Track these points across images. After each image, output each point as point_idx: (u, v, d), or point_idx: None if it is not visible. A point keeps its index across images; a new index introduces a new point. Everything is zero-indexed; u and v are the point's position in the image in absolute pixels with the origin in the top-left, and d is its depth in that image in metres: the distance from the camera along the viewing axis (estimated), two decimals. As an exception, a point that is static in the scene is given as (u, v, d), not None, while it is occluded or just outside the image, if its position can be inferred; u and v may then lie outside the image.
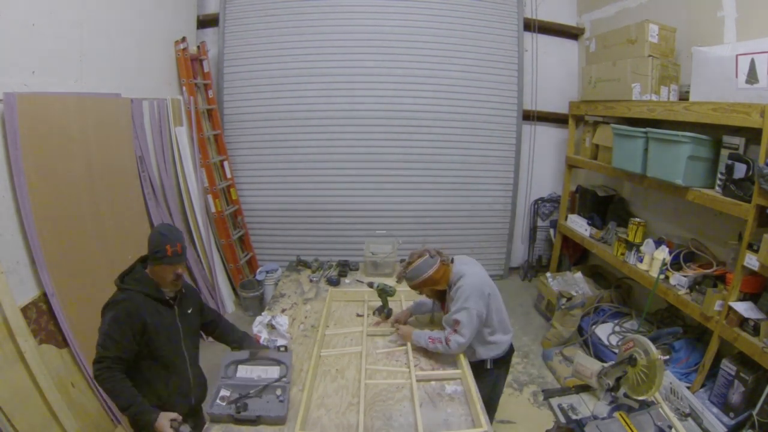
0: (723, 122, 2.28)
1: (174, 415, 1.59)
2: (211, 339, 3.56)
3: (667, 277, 2.78)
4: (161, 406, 1.62)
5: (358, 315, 2.44)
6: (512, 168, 4.46)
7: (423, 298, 2.22)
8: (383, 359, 2.04)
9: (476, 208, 4.47)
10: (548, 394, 1.89)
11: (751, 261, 2.10)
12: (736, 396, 2.25)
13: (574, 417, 1.73)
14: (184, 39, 3.69)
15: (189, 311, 1.84)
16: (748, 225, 2.14)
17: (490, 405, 2.07)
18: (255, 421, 1.57)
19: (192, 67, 3.76)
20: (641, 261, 2.99)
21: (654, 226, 3.25)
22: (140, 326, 1.59)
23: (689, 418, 1.85)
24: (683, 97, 2.92)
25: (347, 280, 2.89)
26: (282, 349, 1.89)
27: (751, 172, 2.18)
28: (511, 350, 2.09)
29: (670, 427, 1.65)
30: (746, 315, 2.17)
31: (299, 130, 4.20)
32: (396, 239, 3.07)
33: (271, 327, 2.13)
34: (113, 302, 1.62)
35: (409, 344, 2.07)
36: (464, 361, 1.95)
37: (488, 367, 2.01)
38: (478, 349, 1.98)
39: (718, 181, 2.44)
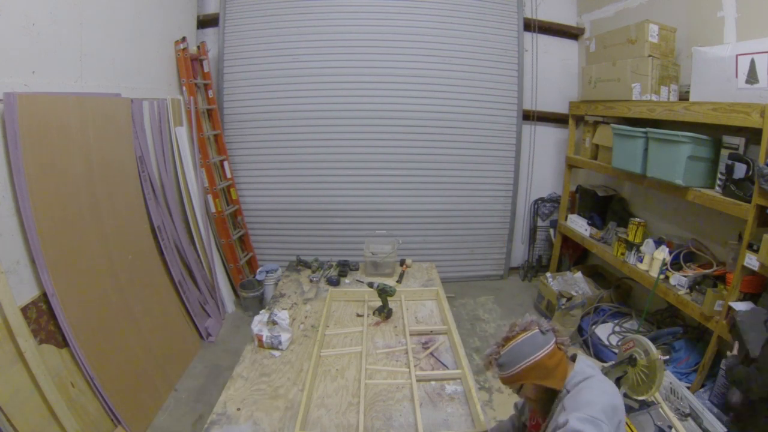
0: (723, 122, 2.28)
1: None
2: (212, 339, 3.59)
3: (667, 277, 2.79)
4: None
5: (358, 315, 2.44)
6: (512, 168, 4.46)
7: (505, 423, 1.60)
8: (383, 359, 2.04)
9: (476, 208, 4.47)
10: (548, 394, 1.89)
11: (751, 261, 2.10)
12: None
13: (574, 417, 1.73)
14: (184, 39, 3.69)
15: None
16: (748, 225, 2.14)
17: None
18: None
19: (192, 67, 3.76)
20: (641, 261, 2.99)
21: (654, 226, 3.25)
22: None
23: (689, 418, 1.86)
24: (683, 97, 2.92)
25: (347, 280, 2.90)
26: None
27: (751, 172, 2.18)
28: None
29: (670, 427, 1.65)
30: (746, 315, 2.17)
31: (299, 130, 4.20)
32: (396, 239, 3.07)
33: (272, 323, 2.13)
34: None
35: (408, 344, 2.06)
36: (464, 361, 1.95)
37: None
38: None
39: (718, 181, 2.44)
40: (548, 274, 3.93)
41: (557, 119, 4.44)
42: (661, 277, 2.78)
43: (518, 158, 4.44)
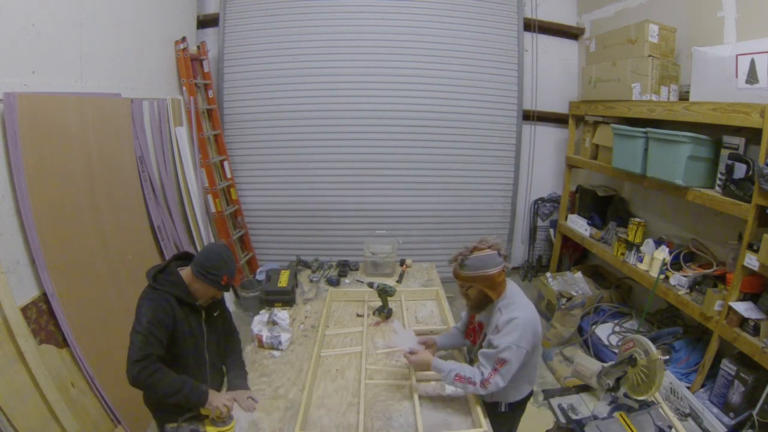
0: (723, 122, 2.28)
1: (228, 397, 1.63)
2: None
3: (667, 277, 2.78)
4: (177, 409, 1.60)
5: (358, 315, 2.44)
6: (512, 168, 4.46)
7: (452, 331, 1.99)
8: (383, 359, 2.04)
9: (476, 208, 4.47)
10: (548, 394, 1.89)
11: (751, 261, 2.10)
12: (736, 396, 2.25)
13: (574, 417, 1.73)
14: (184, 39, 3.69)
15: (215, 314, 1.83)
16: (748, 225, 2.14)
17: None
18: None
19: (192, 67, 3.76)
20: (641, 261, 2.99)
21: (654, 226, 3.25)
22: (171, 327, 1.60)
23: (689, 418, 1.86)
24: (683, 97, 2.92)
25: (347, 280, 2.89)
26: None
27: (751, 172, 2.18)
28: (530, 394, 1.81)
29: (670, 427, 1.65)
30: (746, 315, 2.17)
31: (299, 130, 4.20)
32: (396, 239, 3.07)
33: (272, 323, 2.13)
34: (150, 299, 1.61)
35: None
36: (464, 361, 1.95)
37: (503, 410, 1.75)
38: (492, 393, 1.66)
39: (718, 181, 2.44)
40: (548, 274, 3.93)
41: (557, 119, 4.44)
42: (661, 277, 2.78)
43: (518, 158, 4.44)
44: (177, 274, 1.68)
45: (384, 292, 2.36)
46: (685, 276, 2.66)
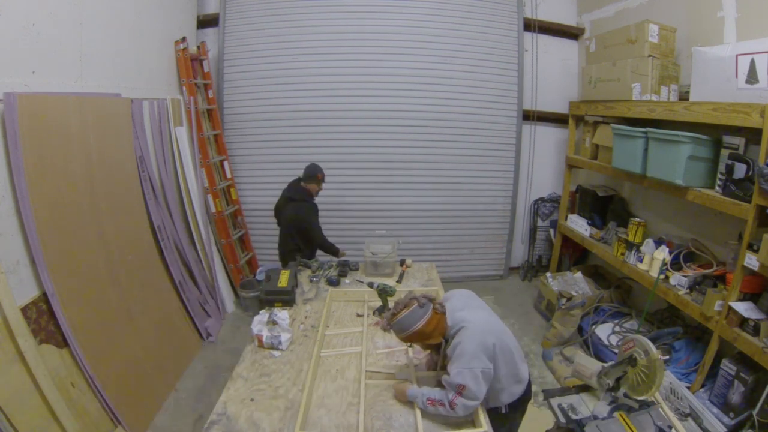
0: (723, 122, 2.28)
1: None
2: (212, 339, 3.58)
3: (667, 277, 2.78)
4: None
5: (358, 315, 2.44)
6: (512, 168, 4.46)
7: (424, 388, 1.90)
8: (383, 359, 2.04)
9: (476, 208, 4.47)
10: (548, 394, 1.89)
11: (751, 261, 2.10)
12: (736, 396, 2.25)
13: (574, 417, 1.73)
14: (184, 39, 3.69)
15: None
16: (748, 225, 2.14)
17: None
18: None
19: (192, 67, 3.76)
20: (641, 261, 2.99)
21: (654, 226, 3.25)
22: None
23: (689, 418, 1.86)
24: (683, 97, 2.92)
25: (347, 280, 2.89)
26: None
27: (751, 172, 2.18)
28: (528, 391, 1.83)
29: (670, 427, 1.65)
30: (746, 315, 2.17)
31: (299, 130, 4.20)
32: (396, 239, 3.07)
33: (272, 323, 2.13)
34: (310, 207, 3.21)
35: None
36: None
37: (503, 411, 1.76)
38: (489, 399, 1.72)
39: (718, 181, 2.44)
40: (548, 274, 3.93)
41: (557, 119, 4.44)
42: (661, 277, 2.78)
43: (518, 158, 4.44)
44: (307, 190, 3.19)
45: (384, 292, 2.36)
46: (685, 276, 2.66)
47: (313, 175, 3.16)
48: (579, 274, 3.73)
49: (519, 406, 1.81)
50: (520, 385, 1.76)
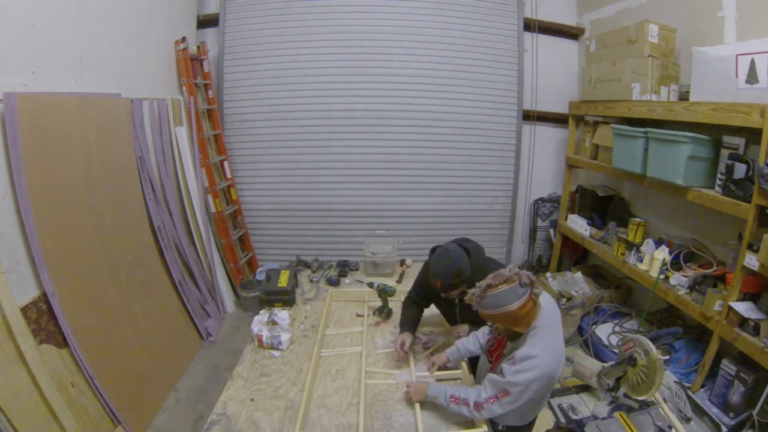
0: (723, 122, 2.27)
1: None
2: (212, 339, 3.59)
3: (667, 277, 2.78)
4: None
5: (358, 315, 2.44)
6: (512, 168, 4.45)
7: (467, 339, 1.88)
8: (383, 359, 2.04)
9: (476, 208, 4.47)
10: (548, 394, 1.89)
11: (751, 261, 2.10)
12: (736, 396, 2.25)
13: (574, 417, 1.74)
14: (184, 39, 3.69)
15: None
16: (748, 225, 2.14)
17: None
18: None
19: (192, 67, 3.76)
20: (641, 261, 2.99)
21: (654, 226, 3.25)
22: (430, 296, 2.15)
23: (691, 422, 1.86)
24: (683, 97, 2.92)
25: (347, 280, 2.90)
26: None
27: (751, 172, 2.17)
28: (530, 424, 1.74)
29: (670, 427, 1.65)
30: (746, 315, 2.17)
31: (299, 130, 4.20)
32: (396, 239, 3.07)
33: (272, 323, 2.13)
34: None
35: (408, 344, 2.06)
36: (464, 362, 1.96)
37: (500, 429, 1.70)
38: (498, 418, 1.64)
39: (718, 181, 2.44)
40: (548, 274, 3.93)
41: (557, 119, 4.44)
42: (661, 277, 2.78)
43: (518, 158, 4.44)
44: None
45: (384, 292, 2.36)
46: (685, 276, 2.66)
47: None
48: (579, 274, 3.72)
49: (520, 429, 1.72)
50: (532, 416, 1.69)
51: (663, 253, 2.80)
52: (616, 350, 2.52)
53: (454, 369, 1.94)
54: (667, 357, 2.60)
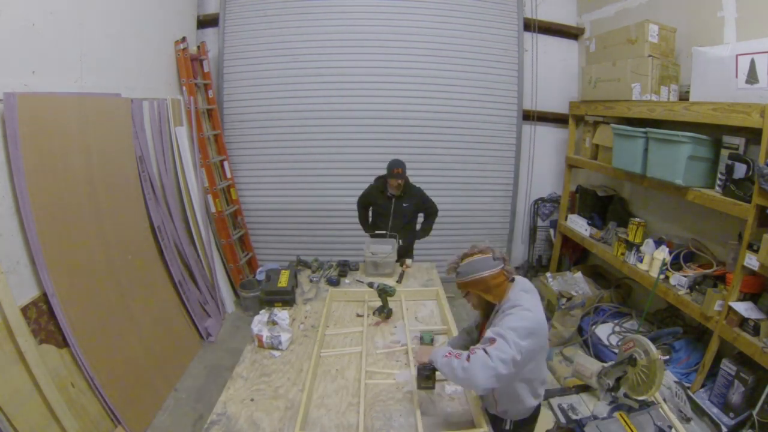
0: (723, 122, 2.28)
1: None
2: (212, 339, 3.59)
3: (667, 277, 2.78)
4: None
5: (358, 315, 2.44)
6: (512, 168, 4.46)
7: (461, 335, 1.91)
8: (383, 359, 2.04)
9: (476, 208, 4.47)
10: (548, 394, 1.89)
11: (751, 261, 2.10)
12: (736, 396, 2.25)
13: (574, 417, 1.74)
14: (184, 39, 3.69)
15: (404, 204, 3.14)
16: (748, 225, 2.14)
17: None
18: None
19: (192, 67, 3.76)
20: (641, 261, 2.99)
21: (654, 226, 3.25)
22: (374, 204, 3.22)
23: (691, 422, 1.86)
24: (683, 97, 2.92)
25: (347, 280, 2.89)
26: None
27: (751, 172, 2.18)
28: (537, 411, 1.72)
29: (670, 427, 1.65)
30: (746, 315, 2.17)
31: (299, 130, 4.20)
32: (396, 239, 3.07)
33: (272, 323, 2.13)
34: (367, 187, 3.29)
35: (409, 344, 2.07)
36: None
37: (507, 428, 1.67)
38: (501, 398, 1.62)
39: (718, 181, 2.44)
40: (548, 274, 3.92)
41: (557, 119, 4.44)
42: (661, 277, 2.78)
43: (518, 158, 4.44)
44: (381, 179, 3.19)
45: (384, 292, 2.36)
46: (685, 276, 2.66)
47: (388, 169, 3.07)
48: (579, 274, 3.72)
49: (526, 424, 1.71)
50: (534, 400, 1.64)
51: (663, 253, 2.80)
52: (616, 350, 2.52)
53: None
54: (667, 357, 2.60)
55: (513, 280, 1.60)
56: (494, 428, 1.63)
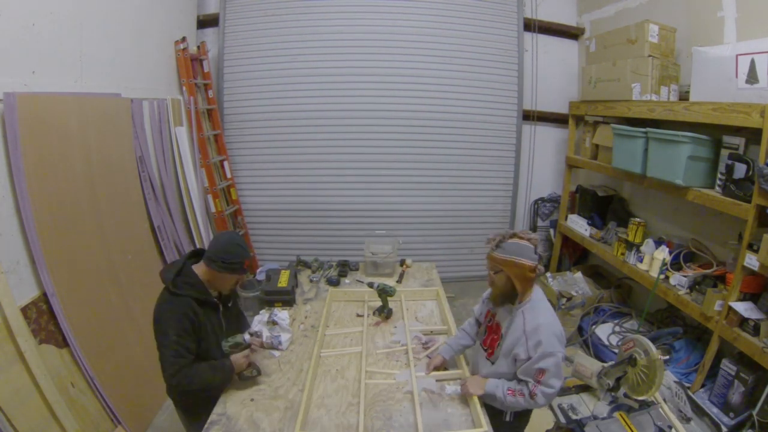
0: (723, 122, 2.28)
1: (243, 354, 1.76)
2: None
3: (667, 277, 2.78)
4: (207, 396, 1.75)
5: (358, 315, 2.44)
6: (512, 168, 4.46)
7: (457, 335, 1.96)
8: (383, 359, 2.04)
9: (476, 208, 4.47)
10: (548, 394, 1.89)
11: (751, 261, 2.10)
12: (736, 396, 2.25)
13: (574, 417, 1.74)
14: (184, 39, 3.69)
15: (230, 304, 1.92)
16: (748, 225, 2.14)
17: None
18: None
19: (192, 67, 3.76)
20: (641, 261, 2.99)
21: (654, 226, 3.25)
22: (197, 331, 1.66)
23: (691, 422, 1.85)
24: (683, 97, 2.92)
25: (347, 280, 2.89)
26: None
27: (751, 172, 2.18)
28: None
29: (670, 427, 1.65)
30: (746, 315, 2.17)
31: (299, 130, 4.20)
32: (396, 239, 3.07)
33: (272, 323, 2.13)
34: (171, 307, 1.60)
35: (409, 344, 2.07)
36: (464, 361, 1.96)
37: (507, 419, 1.72)
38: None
39: (718, 181, 2.44)
40: (548, 274, 3.92)
41: (557, 119, 4.44)
42: (661, 277, 2.78)
43: (518, 158, 4.44)
44: (194, 275, 1.67)
45: (384, 292, 2.36)
46: (685, 276, 2.66)
47: (234, 263, 1.69)
48: (579, 274, 3.72)
49: (525, 414, 1.76)
50: None
51: (663, 253, 2.80)
52: (616, 350, 2.52)
53: (453, 369, 1.94)
54: (667, 357, 2.60)
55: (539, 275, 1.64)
56: (494, 421, 1.65)
